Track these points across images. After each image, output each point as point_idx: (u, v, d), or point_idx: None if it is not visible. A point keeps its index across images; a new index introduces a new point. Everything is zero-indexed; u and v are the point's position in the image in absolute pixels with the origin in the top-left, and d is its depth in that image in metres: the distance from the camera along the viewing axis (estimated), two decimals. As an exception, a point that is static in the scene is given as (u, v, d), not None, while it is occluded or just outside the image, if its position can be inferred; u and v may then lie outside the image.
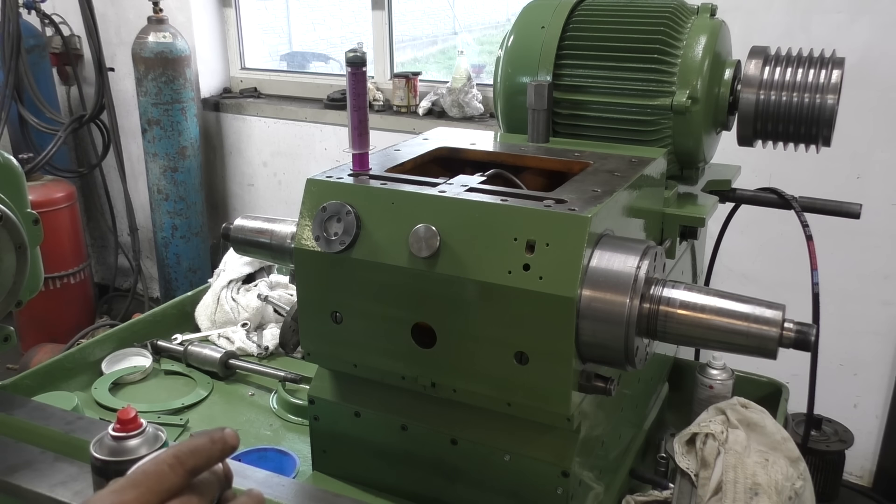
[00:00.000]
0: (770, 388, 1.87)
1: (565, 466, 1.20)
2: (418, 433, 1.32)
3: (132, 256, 4.73)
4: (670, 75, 1.56)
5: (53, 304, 4.25)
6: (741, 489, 1.28)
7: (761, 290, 1.36)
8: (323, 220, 1.22)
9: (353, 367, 1.31)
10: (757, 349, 1.11)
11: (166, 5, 4.13)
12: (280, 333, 1.46)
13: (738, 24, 1.93)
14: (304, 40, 5.19)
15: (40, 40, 4.42)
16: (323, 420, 1.42)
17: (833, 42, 1.95)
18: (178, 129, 4.17)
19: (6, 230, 1.33)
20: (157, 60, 4.03)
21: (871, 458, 3.26)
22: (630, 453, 1.56)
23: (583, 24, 1.65)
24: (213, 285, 2.23)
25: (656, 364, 1.73)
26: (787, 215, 1.83)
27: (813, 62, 1.57)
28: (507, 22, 4.13)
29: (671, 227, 1.57)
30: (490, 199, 1.17)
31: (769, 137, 1.65)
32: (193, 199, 4.34)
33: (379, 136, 2.07)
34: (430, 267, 1.15)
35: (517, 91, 1.66)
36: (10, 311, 1.41)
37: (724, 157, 1.88)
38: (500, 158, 1.49)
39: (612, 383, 1.14)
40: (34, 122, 4.26)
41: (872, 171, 2.93)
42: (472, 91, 3.73)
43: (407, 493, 1.37)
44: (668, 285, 1.15)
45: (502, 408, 1.19)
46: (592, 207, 1.12)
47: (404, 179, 1.27)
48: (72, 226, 4.34)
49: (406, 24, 4.55)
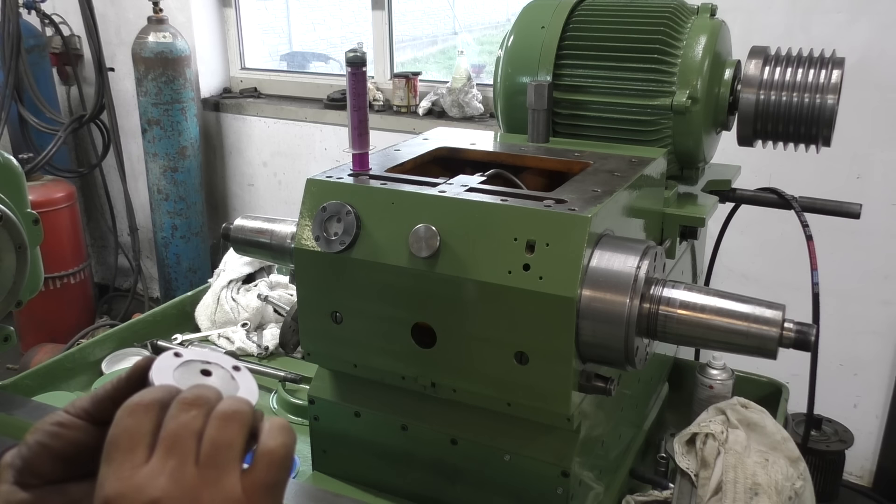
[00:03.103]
0: (770, 388, 1.87)
1: (565, 466, 1.20)
2: (418, 433, 1.32)
3: (132, 256, 4.73)
4: (670, 75, 1.56)
5: (53, 304, 4.25)
6: (741, 489, 1.28)
7: (761, 290, 1.36)
8: (323, 220, 1.22)
9: (353, 367, 1.31)
10: (757, 349, 1.11)
11: (166, 5, 4.12)
12: (280, 333, 1.46)
13: (738, 24, 1.93)
14: (304, 40, 5.19)
15: (40, 40, 4.42)
16: (323, 420, 1.42)
17: (833, 42, 1.95)
18: (178, 129, 4.17)
19: (6, 230, 1.33)
20: (157, 60, 4.03)
21: (871, 458, 3.26)
22: (630, 453, 1.56)
23: (583, 24, 1.65)
24: (213, 285, 2.23)
25: (656, 364, 1.73)
26: (787, 215, 1.83)
27: (813, 62, 1.57)
28: (507, 22, 4.13)
29: (671, 227, 1.57)
30: (490, 199, 1.17)
31: (769, 137, 1.65)
32: (193, 199, 4.34)
33: (379, 136, 2.07)
34: (430, 267, 1.15)
35: (517, 91, 1.66)
36: (10, 311, 1.41)
37: (724, 157, 1.88)
38: (500, 158, 1.49)
39: (612, 383, 1.14)
40: (34, 122, 4.26)
41: (872, 171, 2.93)
42: (472, 91, 3.73)
43: (407, 493, 1.37)
44: (668, 285, 1.15)
45: (502, 408, 1.19)
46: (592, 207, 1.12)
47: (404, 179, 1.27)
48: (72, 226, 4.34)
49: (406, 24, 4.54)
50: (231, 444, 0.59)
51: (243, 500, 0.58)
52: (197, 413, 0.60)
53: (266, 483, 0.59)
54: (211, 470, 0.58)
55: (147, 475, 0.57)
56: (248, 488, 0.58)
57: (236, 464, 0.59)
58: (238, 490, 0.58)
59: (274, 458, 0.60)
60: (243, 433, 0.61)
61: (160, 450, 0.58)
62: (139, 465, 0.58)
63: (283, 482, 0.61)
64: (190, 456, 0.58)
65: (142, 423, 0.59)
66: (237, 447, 0.60)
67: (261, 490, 0.59)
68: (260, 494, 0.59)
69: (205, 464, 0.58)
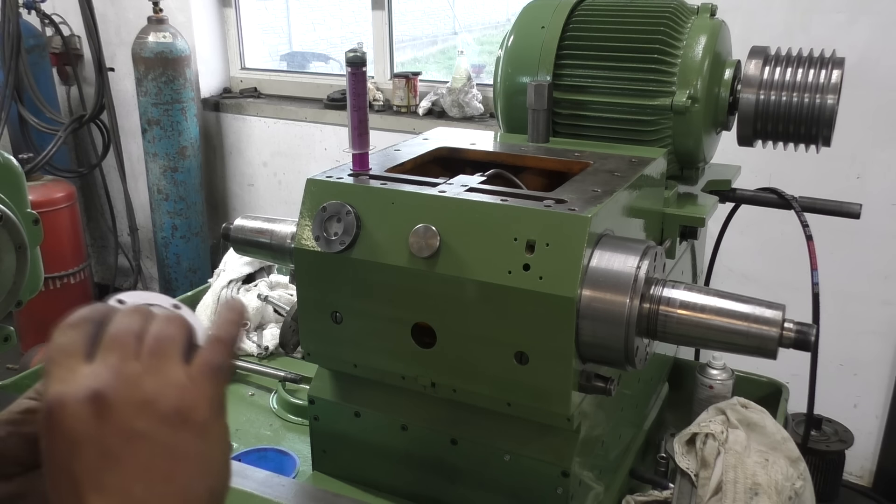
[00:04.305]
0: (770, 388, 1.87)
1: (565, 466, 1.20)
2: (418, 433, 1.32)
3: (132, 256, 4.73)
4: (670, 75, 1.56)
5: (53, 304, 4.24)
6: (741, 489, 1.28)
7: (761, 290, 1.35)
8: (323, 220, 1.22)
9: (353, 367, 1.31)
10: (757, 349, 1.11)
11: (166, 5, 4.12)
12: (280, 333, 1.46)
13: (738, 24, 1.93)
14: (304, 40, 5.19)
15: (40, 40, 4.42)
16: (323, 420, 1.42)
17: (833, 42, 1.95)
18: (178, 129, 4.17)
19: (6, 230, 1.33)
20: (157, 60, 4.03)
21: (871, 458, 3.26)
22: (630, 453, 1.56)
23: (583, 24, 1.65)
24: (213, 285, 2.23)
25: (656, 364, 1.73)
26: (787, 215, 1.83)
27: (813, 62, 1.57)
28: (507, 22, 4.13)
29: (671, 227, 1.57)
30: (490, 199, 1.17)
31: (769, 137, 1.65)
32: (193, 199, 4.34)
33: (379, 136, 2.07)
34: (430, 267, 1.15)
35: (517, 91, 1.66)
36: (10, 311, 1.41)
37: (724, 157, 1.87)
38: (500, 158, 1.49)
39: (612, 383, 1.14)
40: (34, 122, 4.25)
41: (872, 171, 2.93)
42: (472, 91, 3.73)
43: (407, 493, 1.37)
44: (668, 285, 1.15)
45: (502, 408, 1.19)
46: (592, 207, 1.12)
47: (404, 179, 1.27)
48: (72, 226, 4.33)
49: (406, 24, 4.54)
50: (173, 338, 0.60)
51: (187, 384, 0.58)
52: (138, 317, 0.61)
53: (210, 363, 0.59)
54: (153, 359, 0.58)
55: (87, 372, 0.57)
56: (192, 371, 0.59)
57: (179, 355, 0.59)
58: (181, 375, 0.58)
59: (218, 341, 0.61)
60: (184, 331, 0.61)
61: (101, 351, 0.58)
62: (78, 367, 0.57)
63: (225, 367, 0.61)
64: (131, 352, 0.58)
65: (75, 337, 0.59)
66: (179, 341, 0.60)
67: (204, 371, 0.59)
68: (203, 376, 0.59)
69: (147, 355, 0.58)
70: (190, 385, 0.58)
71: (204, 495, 0.57)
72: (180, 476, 0.56)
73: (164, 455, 0.56)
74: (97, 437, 0.54)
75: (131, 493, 0.54)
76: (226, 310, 0.64)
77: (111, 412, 0.55)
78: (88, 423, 0.54)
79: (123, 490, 0.54)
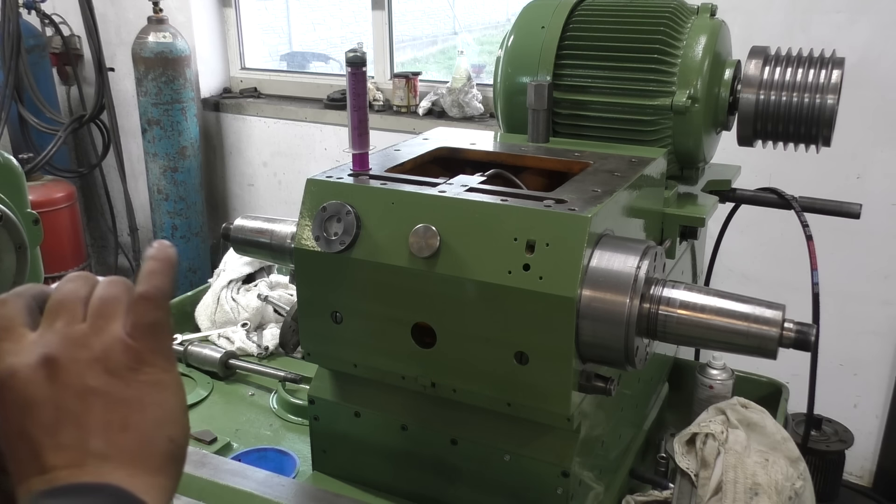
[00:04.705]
0: (770, 388, 1.87)
1: (565, 466, 1.20)
2: (418, 433, 1.32)
3: (132, 256, 4.73)
4: (670, 75, 1.56)
5: (53, 304, 4.25)
6: (741, 489, 1.28)
7: (761, 290, 1.35)
8: (323, 220, 1.22)
9: (353, 367, 1.31)
10: (757, 349, 1.11)
11: (166, 5, 4.12)
12: (280, 333, 1.46)
13: (738, 24, 1.93)
14: (304, 40, 5.19)
15: (40, 40, 4.42)
16: (323, 420, 1.42)
17: (833, 42, 1.95)
18: (178, 129, 4.17)
19: (6, 230, 1.33)
20: (157, 60, 4.03)
21: (871, 458, 3.26)
22: (630, 453, 1.56)
23: (583, 24, 1.65)
24: (213, 285, 2.23)
25: (656, 364, 1.73)
26: (787, 215, 1.83)
27: (813, 62, 1.57)
28: (507, 22, 4.13)
29: (671, 227, 1.57)
30: (490, 199, 1.17)
31: (769, 137, 1.65)
32: (193, 199, 4.34)
33: (379, 136, 2.07)
34: (430, 267, 1.15)
35: (517, 91, 1.66)
36: (10, 311, 1.41)
37: (724, 157, 1.87)
38: (500, 158, 1.49)
39: (612, 383, 1.14)
40: (34, 122, 4.26)
41: (872, 171, 2.93)
42: (472, 91, 3.73)
43: (407, 493, 1.37)
44: (668, 285, 1.15)
45: (502, 408, 1.19)
46: (592, 207, 1.12)
47: (404, 179, 1.27)
48: (72, 226, 4.34)
49: (406, 24, 4.54)
50: (117, 298, 0.61)
51: (129, 342, 0.59)
52: (82, 282, 0.62)
53: (146, 322, 0.60)
54: (99, 320, 0.60)
55: (34, 339, 0.58)
56: (131, 330, 0.60)
57: (122, 314, 0.61)
58: (123, 333, 0.59)
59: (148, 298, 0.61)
60: (128, 291, 0.62)
61: (46, 318, 0.60)
62: (24, 338, 0.59)
63: (163, 321, 0.62)
64: (77, 315, 0.60)
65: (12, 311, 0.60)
66: (123, 300, 0.61)
67: (143, 329, 0.60)
68: (143, 333, 0.60)
69: (92, 316, 0.60)
70: (131, 342, 0.60)
71: (163, 443, 0.59)
72: (137, 426, 0.58)
73: (118, 408, 0.57)
74: (51, 397, 0.56)
75: (89, 448, 0.55)
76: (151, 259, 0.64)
77: (63, 373, 0.57)
78: (41, 386, 0.56)
79: (81, 445, 0.55)
